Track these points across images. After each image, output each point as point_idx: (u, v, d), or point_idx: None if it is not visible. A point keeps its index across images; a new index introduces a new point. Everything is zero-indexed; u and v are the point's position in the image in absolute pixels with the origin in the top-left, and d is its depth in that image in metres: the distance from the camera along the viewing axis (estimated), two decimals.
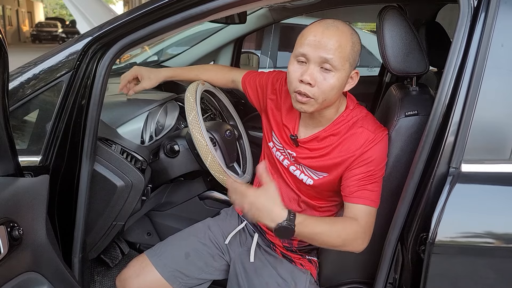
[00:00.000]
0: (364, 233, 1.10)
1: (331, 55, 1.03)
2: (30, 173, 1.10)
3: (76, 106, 1.16)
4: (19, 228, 0.89)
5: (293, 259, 1.33)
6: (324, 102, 1.09)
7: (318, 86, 1.06)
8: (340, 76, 1.06)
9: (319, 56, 1.04)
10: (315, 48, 1.04)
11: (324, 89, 1.06)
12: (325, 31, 1.05)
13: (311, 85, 1.06)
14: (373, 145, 1.12)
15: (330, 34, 1.04)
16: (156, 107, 1.55)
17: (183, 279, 1.31)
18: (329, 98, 1.08)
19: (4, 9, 23.38)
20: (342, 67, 1.05)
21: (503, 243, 1.01)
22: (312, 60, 1.05)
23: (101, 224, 1.36)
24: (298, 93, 1.08)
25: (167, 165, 1.53)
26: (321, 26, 1.06)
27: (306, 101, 1.08)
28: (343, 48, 1.05)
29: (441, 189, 0.98)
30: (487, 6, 0.98)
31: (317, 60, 1.05)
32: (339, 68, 1.05)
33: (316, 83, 1.06)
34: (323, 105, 1.10)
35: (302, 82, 1.06)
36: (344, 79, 1.08)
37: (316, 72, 1.05)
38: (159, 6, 1.12)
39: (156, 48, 3.10)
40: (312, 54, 1.05)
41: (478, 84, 0.97)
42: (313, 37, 1.05)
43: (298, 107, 1.11)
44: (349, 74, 1.09)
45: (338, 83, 1.06)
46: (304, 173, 1.22)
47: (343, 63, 1.05)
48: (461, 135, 0.98)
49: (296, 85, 1.08)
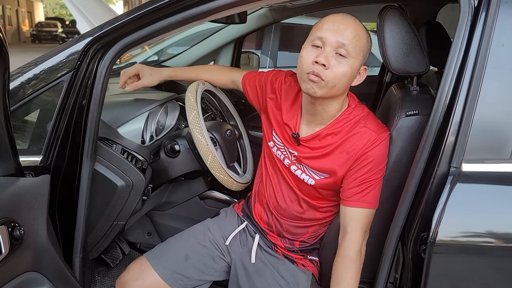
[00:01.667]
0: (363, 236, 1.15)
1: (348, 41, 1.05)
2: (31, 173, 1.10)
3: (77, 106, 1.16)
4: (20, 228, 0.89)
5: (295, 260, 1.32)
6: (333, 88, 1.08)
7: (332, 69, 1.06)
8: (354, 64, 1.07)
9: (336, 40, 1.06)
10: (334, 32, 1.06)
11: (337, 74, 1.07)
12: (344, 19, 1.08)
13: (325, 67, 1.06)
14: (375, 146, 1.13)
15: (349, 23, 1.08)
16: (156, 107, 1.55)
17: (183, 280, 1.31)
18: (339, 85, 1.08)
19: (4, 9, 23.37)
20: (357, 55, 1.07)
21: (503, 242, 1.01)
22: (328, 43, 1.06)
23: (102, 224, 1.36)
24: (311, 73, 1.07)
25: (168, 165, 1.53)
26: (340, 15, 1.10)
27: (318, 80, 1.07)
28: (360, 37, 1.07)
29: (441, 189, 0.98)
30: (487, 6, 0.98)
31: (334, 44, 1.06)
32: (354, 56, 1.07)
33: (330, 66, 1.06)
34: (331, 91, 1.09)
35: (316, 64, 1.06)
36: (356, 69, 1.09)
37: (331, 56, 1.07)
38: (159, 6, 1.12)
39: (156, 48, 3.10)
40: (330, 37, 1.06)
41: (479, 83, 0.97)
42: (332, 22, 1.08)
43: (309, 86, 1.09)
44: (360, 66, 1.11)
45: (350, 71, 1.08)
46: (306, 173, 1.22)
47: (358, 52, 1.07)
48: (462, 134, 0.98)
49: (310, 67, 1.08)
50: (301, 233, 1.32)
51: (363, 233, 1.15)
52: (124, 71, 1.46)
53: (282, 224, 1.31)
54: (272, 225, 1.34)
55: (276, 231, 1.34)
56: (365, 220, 1.14)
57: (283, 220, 1.31)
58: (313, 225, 1.30)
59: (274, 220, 1.33)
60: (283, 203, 1.29)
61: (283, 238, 1.34)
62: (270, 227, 1.35)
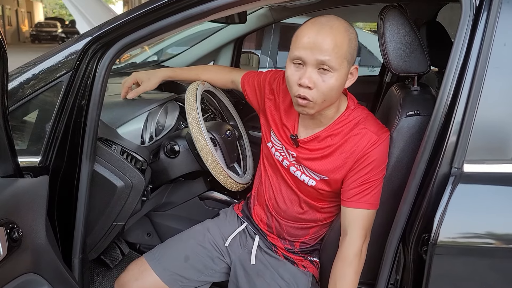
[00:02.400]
0: (364, 238, 1.13)
1: (327, 57, 1.02)
2: (29, 174, 1.09)
3: (76, 106, 1.15)
4: (18, 229, 0.88)
5: (295, 261, 1.32)
6: (324, 102, 1.08)
7: (317, 89, 1.05)
8: (339, 76, 1.05)
9: (315, 58, 1.02)
10: (311, 50, 1.02)
11: (324, 91, 1.05)
12: (320, 31, 1.03)
13: (310, 88, 1.05)
14: (376, 147, 1.12)
15: (325, 34, 1.02)
16: (156, 107, 1.55)
17: (182, 281, 1.31)
18: (329, 99, 1.08)
19: (3, 9, 23.36)
20: (340, 66, 1.04)
21: (505, 243, 1.01)
22: (309, 63, 1.04)
23: (101, 225, 1.35)
24: (298, 97, 1.07)
25: (167, 166, 1.53)
26: (315, 26, 1.04)
27: (306, 104, 1.07)
28: (340, 47, 1.03)
29: (443, 190, 0.98)
30: (489, 6, 0.97)
31: (314, 62, 1.03)
32: (337, 68, 1.04)
33: (315, 85, 1.04)
34: (323, 105, 1.09)
35: (301, 86, 1.05)
36: (344, 78, 1.07)
37: (314, 74, 1.04)
38: (159, 6, 1.11)
39: (156, 48, 3.10)
40: (308, 57, 1.03)
41: (480, 83, 0.97)
42: (307, 39, 1.03)
43: (300, 110, 1.10)
44: (348, 71, 1.09)
45: (337, 83, 1.06)
46: (306, 174, 1.22)
47: (340, 62, 1.04)
48: (463, 135, 0.98)
49: (296, 89, 1.07)
50: (302, 235, 1.31)
51: (364, 235, 1.14)
52: (124, 82, 1.48)
53: (282, 225, 1.31)
54: (272, 226, 1.33)
55: (276, 233, 1.33)
56: (365, 221, 1.14)
57: (283, 221, 1.30)
58: (313, 226, 1.30)
59: (274, 221, 1.32)
60: (283, 204, 1.29)
61: (283, 240, 1.33)
62: (270, 228, 1.34)
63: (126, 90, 1.47)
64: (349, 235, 1.14)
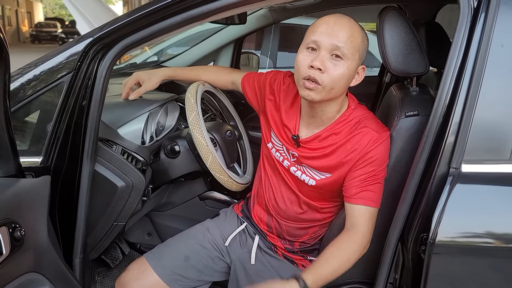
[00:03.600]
0: (367, 236, 1.13)
1: (342, 43, 1.05)
2: (31, 174, 1.10)
3: (77, 107, 1.16)
4: (20, 229, 0.89)
5: (295, 261, 1.33)
6: (332, 91, 1.09)
7: (328, 73, 1.06)
8: (350, 66, 1.07)
9: (331, 43, 1.06)
10: (328, 35, 1.06)
11: (334, 77, 1.07)
12: (338, 20, 1.08)
13: (321, 71, 1.06)
14: (377, 145, 1.13)
15: (343, 23, 1.07)
16: (156, 108, 1.55)
17: (182, 281, 1.31)
18: (336, 88, 1.09)
19: (3, 9, 23.36)
20: (352, 56, 1.07)
21: (503, 243, 1.02)
22: (323, 47, 1.06)
23: (102, 225, 1.36)
24: (307, 79, 1.08)
25: (168, 166, 1.53)
26: (334, 16, 1.10)
27: (314, 87, 1.07)
28: (355, 38, 1.07)
29: (441, 190, 0.98)
30: (487, 7, 0.98)
31: (329, 47, 1.06)
32: (350, 57, 1.07)
33: (326, 69, 1.06)
34: (330, 94, 1.09)
35: (312, 68, 1.07)
36: (353, 71, 1.09)
37: (327, 59, 1.07)
38: (160, 7, 1.12)
39: (156, 48, 3.10)
40: (324, 41, 1.06)
41: (478, 84, 0.97)
42: (325, 25, 1.08)
43: (306, 94, 1.10)
44: (358, 66, 1.11)
45: (347, 72, 1.08)
46: (306, 174, 1.22)
47: (353, 52, 1.07)
48: (462, 135, 0.98)
49: (306, 71, 1.08)
50: (301, 234, 1.32)
51: (370, 232, 1.13)
52: (125, 82, 1.49)
53: (282, 225, 1.31)
54: (272, 226, 1.34)
55: (276, 232, 1.34)
56: (368, 220, 1.13)
57: (283, 221, 1.31)
58: (313, 226, 1.30)
59: (273, 221, 1.33)
60: (283, 205, 1.30)
61: (283, 239, 1.34)
62: (269, 228, 1.35)
63: (127, 91, 1.48)
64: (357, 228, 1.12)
